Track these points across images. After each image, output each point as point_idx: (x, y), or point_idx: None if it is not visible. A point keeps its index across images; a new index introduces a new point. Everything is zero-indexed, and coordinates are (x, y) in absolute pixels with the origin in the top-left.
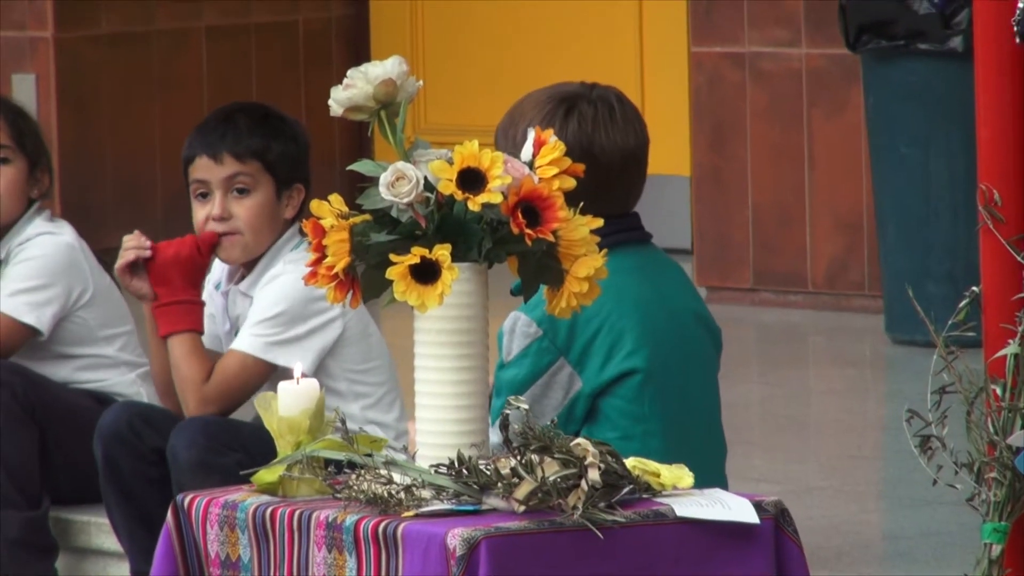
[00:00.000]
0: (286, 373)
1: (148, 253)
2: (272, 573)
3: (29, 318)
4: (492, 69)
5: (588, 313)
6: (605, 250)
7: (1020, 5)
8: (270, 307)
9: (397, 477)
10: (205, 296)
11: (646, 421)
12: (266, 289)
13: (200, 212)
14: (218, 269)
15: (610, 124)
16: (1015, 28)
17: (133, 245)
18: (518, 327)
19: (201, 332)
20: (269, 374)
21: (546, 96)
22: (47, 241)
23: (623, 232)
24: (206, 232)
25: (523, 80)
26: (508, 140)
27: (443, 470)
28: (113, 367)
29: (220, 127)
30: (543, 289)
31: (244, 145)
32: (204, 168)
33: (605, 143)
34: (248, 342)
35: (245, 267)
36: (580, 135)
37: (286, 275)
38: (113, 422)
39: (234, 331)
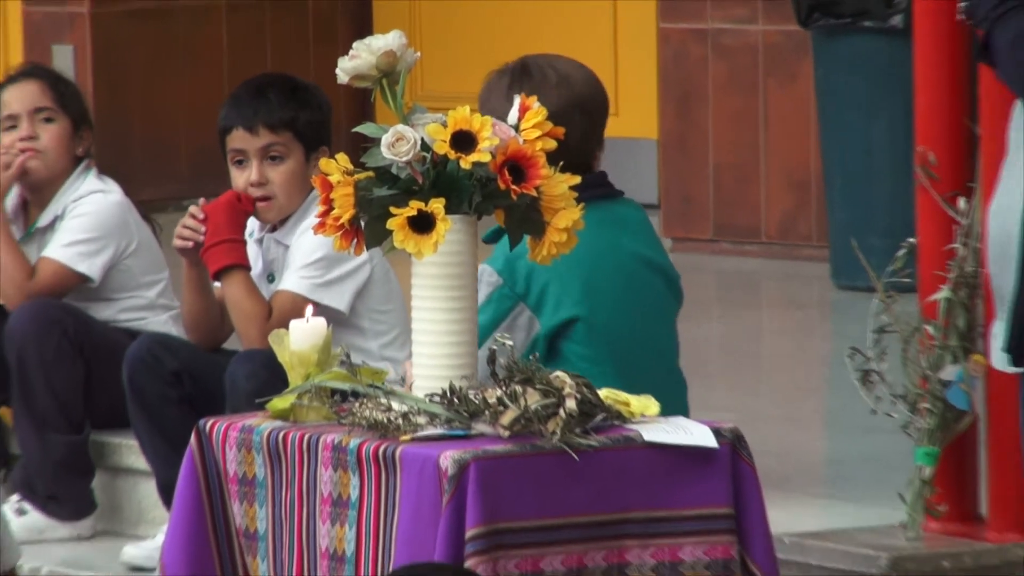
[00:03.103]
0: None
1: (202, 237)
2: (284, 490)
3: (82, 267)
4: (482, 42)
5: (537, 269)
6: (582, 204)
7: None
8: (310, 253)
9: (395, 405)
10: None
11: (600, 363)
12: (303, 238)
13: (239, 178)
14: (251, 220)
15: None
16: (960, 6)
17: (190, 234)
18: (483, 277)
19: (249, 268)
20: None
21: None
22: (100, 199)
23: (587, 189)
24: (245, 194)
25: (510, 52)
26: (492, 107)
27: (436, 399)
28: (150, 309)
29: (254, 101)
30: (505, 241)
31: (277, 117)
32: (241, 139)
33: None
34: (297, 284)
35: None
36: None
37: None
38: (137, 350)
39: (267, 274)
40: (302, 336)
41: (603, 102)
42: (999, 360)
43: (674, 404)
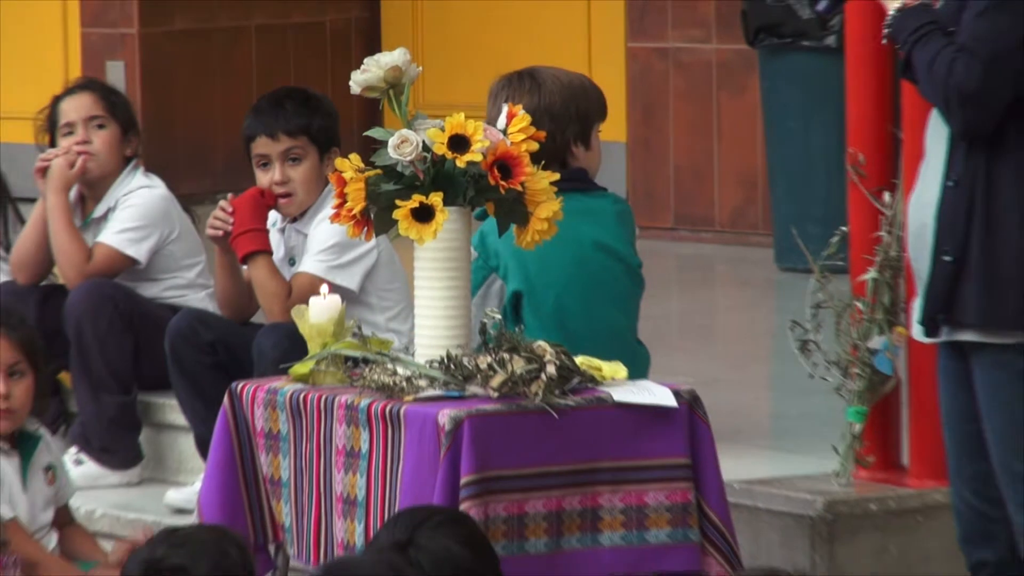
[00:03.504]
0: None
1: (231, 226)
2: (304, 443)
3: (131, 251)
4: (474, 58)
5: (501, 245)
6: (561, 197)
7: (890, 12)
8: (326, 240)
9: (400, 370)
10: None
11: (548, 333)
12: (319, 227)
13: (263, 178)
14: (272, 212)
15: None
16: (885, 31)
17: (220, 224)
18: None
19: (271, 253)
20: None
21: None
22: (146, 193)
23: (560, 183)
24: (268, 190)
25: (498, 67)
26: (526, 97)
27: (435, 365)
28: (189, 288)
29: (273, 111)
30: (489, 220)
31: (294, 124)
32: (264, 144)
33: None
34: (314, 266)
35: None
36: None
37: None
38: (177, 323)
39: (287, 259)
40: (319, 311)
41: (585, 112)
42: (918, 332)
43: (632, 373)
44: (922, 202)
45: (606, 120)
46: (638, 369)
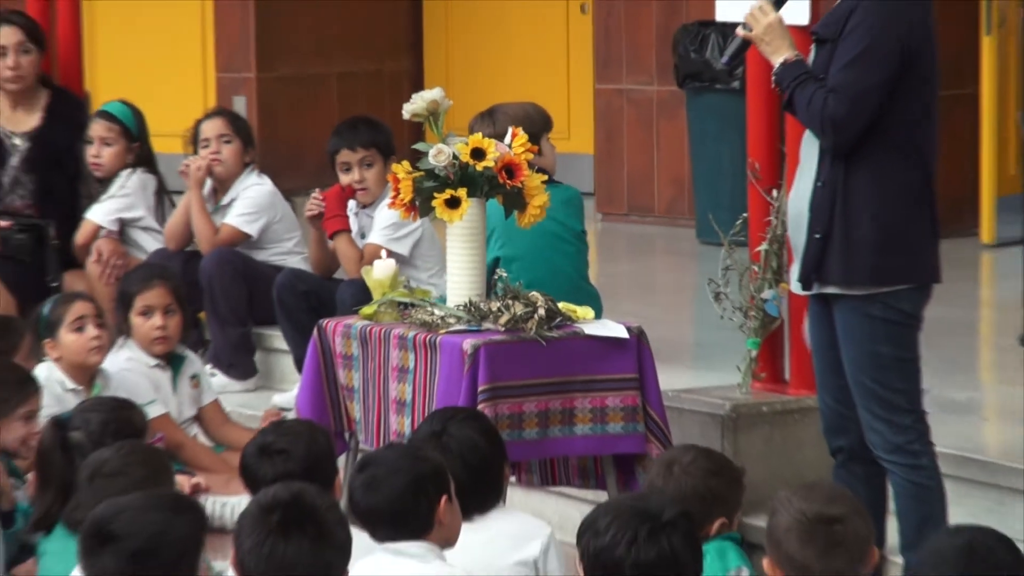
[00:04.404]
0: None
1: (322, 210)
2: (369, 362)
3: (246, 228)
4: (489, 95)
5: (494, 219)
6: (549, 192)
7: (776, 66)
8: (386, 220)
9: (436, 312)
10: None
11: (520, 275)
12: (381, 211)
13: (345, 178)
14: (350, 202)
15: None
16: (773, 79)
17: (315, 207)
18: None
19: (350, 231)
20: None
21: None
22: (259, 188)
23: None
24: (348, 186)
25: (500, 99)
26: (485, 127)
27: (461, 308)
28: (288, 254)
29: (352, 131)
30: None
31: (367, 140)
32: (346, 155)
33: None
34: (378, 239)
35: None
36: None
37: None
38: (282, 278)
39: (359, 234)
40: (381, 270)
41: (537, 130)
42: (796, 287)
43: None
44: (798, 196)
45: (570, 137)
46: (592, 305)
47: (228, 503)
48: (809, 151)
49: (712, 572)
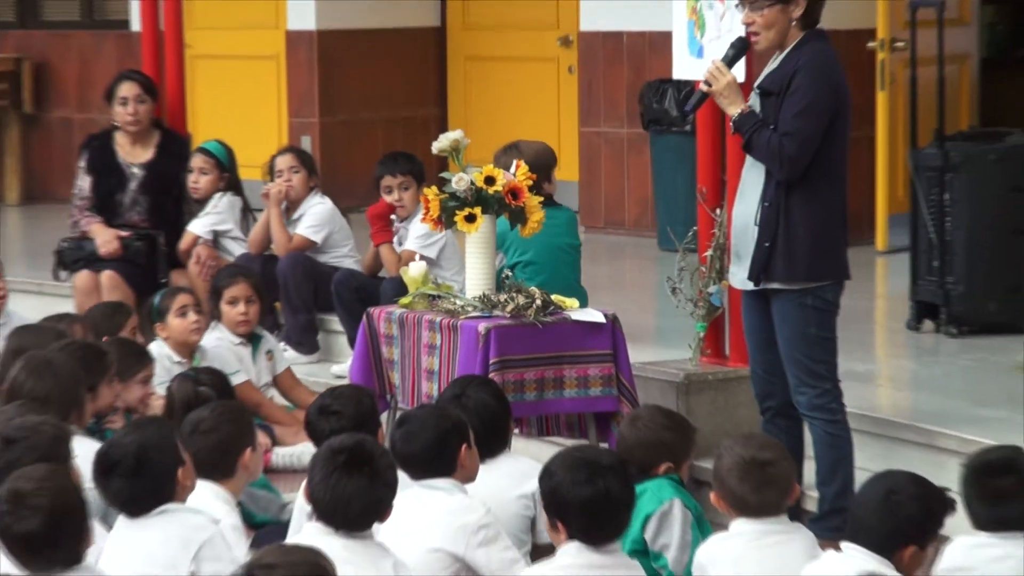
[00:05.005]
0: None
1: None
2: (405, 340)
3: (313, 237)
4: (498, 135)
5: (510, 235)
6: (556, 213)
7: (734, 116)
8: (419, 231)
9: (458, 302)
10: None
11: (532, 280)
12: (415, 224)
13: (388, 198)
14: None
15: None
16: (732, 125)
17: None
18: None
19: (392, 240)
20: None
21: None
22: (321, 206)
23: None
24: (390, 205)
25: (509, 138)
26: (500, 163)
27: (476, 299)
28: (344, 257)
29: (393, 162)
30: (506, 224)
31: (405, 168)
32: (388, 180)
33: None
34: (413, 245)
35: None
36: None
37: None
38: (339, 276)
39: (398, 241)
40: (415, 270)
41: (543, 164)
42: (736, 283)
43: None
44: (744, 213)
45: (561, 168)
46: (582, 300)
47: (295, 452)
48: (752, 178)
49: (652, 502)
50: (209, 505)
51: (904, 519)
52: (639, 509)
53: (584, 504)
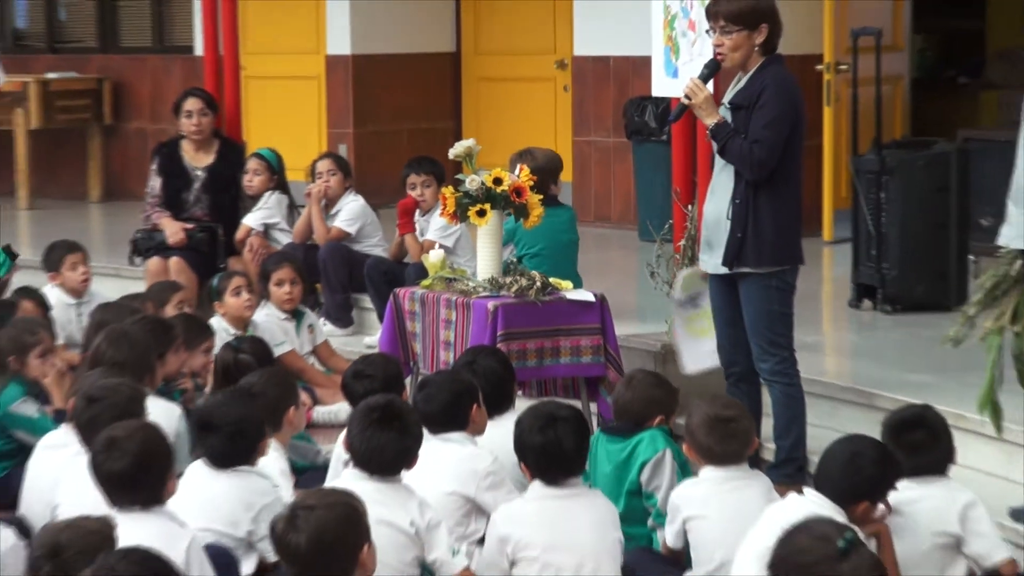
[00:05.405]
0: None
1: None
2: (426, 316)
3: (348, 229)
4: (506, 143)
5: (519, 230)
6: (559, 211)
7: (710, 126)
8: (438, 224)
9: (470, 283)
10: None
11: (536, 269)
12: (435, 218)
13: (412, 194)
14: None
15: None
16: (709, 134)
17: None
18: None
19: (415, 231)
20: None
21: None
22: (355, 203)
23: (543, 201)
24: (413, 200)
25: (515, 147)
26: (514, 164)
27: (486, 281)
28: (374, 247)
29: (418, 163)
30: (512, 219)
31: (428, 169)
32: (413, 179)
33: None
34: (433, 236)
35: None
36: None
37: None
38: (371, 262)
39: (420, 232)
40: (434, 256)
41: (551, 169)
42: (709, 268)
43: (576, 285)
44: (716, 209)
45: (562, 172)
46: (576, 284)
47: (332, 410)
48: (723, 180)
49: (647, 450)
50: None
51: (864, 479)
52: (636, 455)
53: (538, 449)
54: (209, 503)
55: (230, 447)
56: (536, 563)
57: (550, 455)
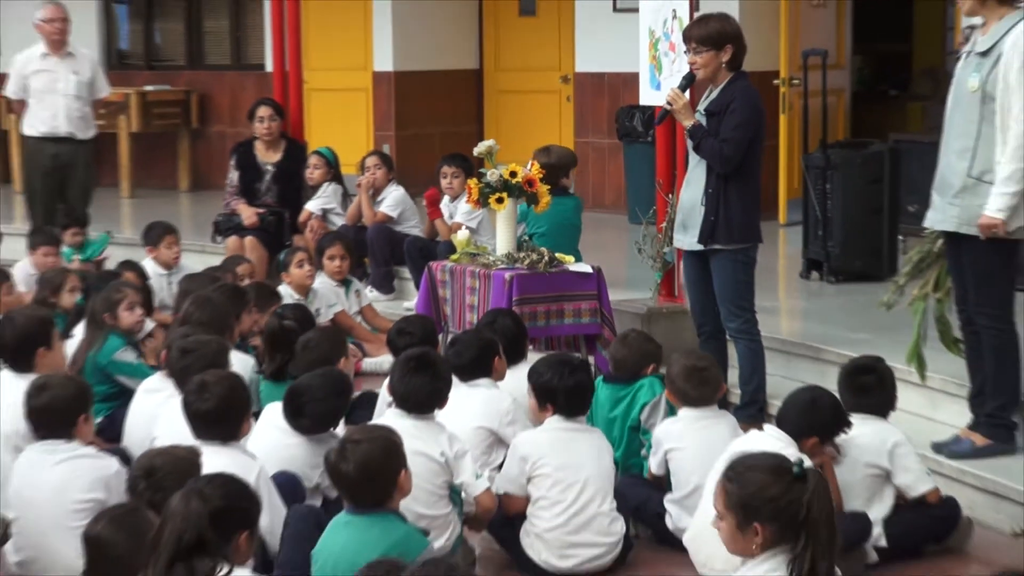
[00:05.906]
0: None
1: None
2: (455, 284)
3: (391, 212)
4: (521, 143)
5: (530, 216)
6: (568, 199)
7: (687, 127)
8: (465, 209)
9: (491, 257)
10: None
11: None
12: (461, 204)
13: (443, 181)
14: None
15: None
16: (687, 135)
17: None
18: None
19: (443, 217)
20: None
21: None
22: (397, 192)
23: (554, 191)
24: (435, 191)
25: (530, 146)
26: (538, 158)
27: (504, 255)
28: (412, 228)
29: (450, 158)
30: (524, 206)
31: (457, 163)
32: (445, 170)
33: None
34: (460, 219)
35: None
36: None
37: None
38: (409, 240)
39: (449, 216)
40: (462, 236)
41: (562, 165)
42: (685, 245)
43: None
44: (692, 198)
45: (575, 168)
46: (577, 259)
47: (378, 361)
48: (697, 173)
49: (647, 394)
50: None
51: (818, 419)
52: (638, 398)
53: (571, 389)
54: (288, 454)
55: (315, 427)
56: (549, 479)
57: (579, 393)
